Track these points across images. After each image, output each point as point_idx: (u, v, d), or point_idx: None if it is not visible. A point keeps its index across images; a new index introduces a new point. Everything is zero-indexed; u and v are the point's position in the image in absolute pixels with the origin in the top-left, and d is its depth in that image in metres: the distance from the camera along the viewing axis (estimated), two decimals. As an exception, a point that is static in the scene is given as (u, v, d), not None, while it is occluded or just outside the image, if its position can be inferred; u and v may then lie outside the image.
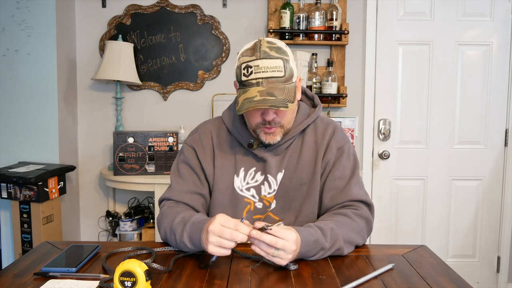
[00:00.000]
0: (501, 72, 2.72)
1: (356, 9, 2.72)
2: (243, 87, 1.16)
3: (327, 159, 1.25)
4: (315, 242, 1.06)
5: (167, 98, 2.78)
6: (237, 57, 1.20)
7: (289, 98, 1.12)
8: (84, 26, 2.73)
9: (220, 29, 2.74)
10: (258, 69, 1.12)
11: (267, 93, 1.11)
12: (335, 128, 1.29)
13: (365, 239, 1.21)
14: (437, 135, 2.76)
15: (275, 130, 1.20)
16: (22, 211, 2.28)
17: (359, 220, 1.17)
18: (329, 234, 1.09)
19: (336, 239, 1.10)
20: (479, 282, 2.83)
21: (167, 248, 1.17)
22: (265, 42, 1.15)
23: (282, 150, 1.26)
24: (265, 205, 1.26)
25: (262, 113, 1.18)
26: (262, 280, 0.98)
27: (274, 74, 1.12)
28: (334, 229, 1.11)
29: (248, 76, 1.14)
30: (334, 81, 2.63)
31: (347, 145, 1.28)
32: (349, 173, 1.25)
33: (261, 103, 1.10)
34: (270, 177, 1.25)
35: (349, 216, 1.17)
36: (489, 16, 2.69)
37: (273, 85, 1.13)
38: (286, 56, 1.16)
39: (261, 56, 1.13)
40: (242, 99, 1.14)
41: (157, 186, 2.41)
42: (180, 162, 1.31)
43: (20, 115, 2.46)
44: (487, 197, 2.79)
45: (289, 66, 1.15)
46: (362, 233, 1.18)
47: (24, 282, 0.98)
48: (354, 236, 1.15)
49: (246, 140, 1.27)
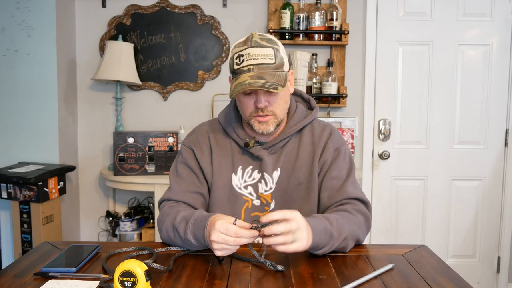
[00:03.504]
0: (501, 72, 2.72)
1: (356, 9, 2.72)
2: (235, 75, 1.21)
3: (324, 159, 1.28)
4: (325, 230, 1.07)
5: (167, 98, 2.78)
6: (231, 50, 1.24)
7: (279, 82, 1.16)
8: (84, 26, 2.73)
9: (220, 29, 2.74)
10: (249, 57, 1.17)
11: (258, 77, 1.15)
12: (332, 130, 1.32)
13: (365, 234, 1.22)
14: (437, 135, 2.76)
15: (268, 119, 1.22)
16: (22, 211, 2.28)
17: (359, 215, 1.19)
18: (335, 224, 1.10)
19: (342, 229, 1.11)
20: (479, 282, 2.83)
21: (168, 248, 1.17)
22: (257, 34, 1.20)
23: (277, 148, 1.29)
24: (262, 202, 1.28)
25: (254, 101, 1.21)
26: (262, 280, 0.98)
27: (265, 61, 1.17)
28: (339, 220, 1.12)
29: (240, 64, 1.18)
30: (334, 81, 2.63)
31: (344, 147, 1.31)
32: (345, 174, 1.27)
33: (252, 85, 1.14)
34: (266, 175, 1.27)
35: (349, 211, 1.18)
36: (489, 16, 2.69)
37: (264, 70, 1.17)
38: (277, 46, 1.20)
39: (252, 45, 1.18)
40: (234, 85, 1.18)
41: (157, 186, 2.41)
42: (178, 163, 1.33)
43: (20, 115, 2.46)
44: (487, 197, 2.79)
45: (279, 55, 1.19)
46: (362, 228, 1.20)
47: (24, 282, 0.98)
48: (356, 229, 1.16)
49: (242, 139, 1.29)
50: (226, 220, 1.01)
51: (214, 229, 1.00)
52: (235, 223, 1.00)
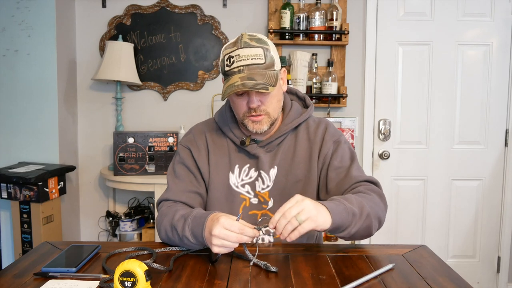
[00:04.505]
0: (501, 72, 2.71)
1: (356, 9, 2.72)
2: (226, 77, 1.21)
3: (324, 153, 1.28)
4: (345, 209, 1.04)
5: (167, 98, 2.78)
6: (221, 52, 1.24)
7: (270, 82, 1.16)
8: (84, 26, 2.73)
9: (220, 29, 2.74)
10: (239, 58, 1.17)
11: (248, 78, 1.15)
12: (327, 124, 1.33)
13: (385, 213, 1.19)
14: (437, 135, 2.76)
15: (261, 119, 1.22)
16: (22, 211, 2.28)
17: (373, 194, 1.17)
18: (355, 202, 1.08)
19: (363, 207, 1.09)
20: (479, 282, 2.83)
21: (168, 249, 1.17)
22: (246, 35, 1.20)
23: (273, 146, 1.29)
24: (260, 201, 1.28)
25: (247, 102, 1.21)
26: (262, 280, 0.98)
27: (255, 61, 1.17)
28: (358, 198, 1.11)
29: (230, 66, 1.19)
30: (334, 81, 2.63)
31: (342, 137, 1.32)
32: (348, 161, 1.28)
33: (242, 86, 1.14)
34: (263, 173, 1.28)
35: (363, 191, 1.17)
36: (489, 16, 2.68)
37: (254, 71, 1.17)
38: (267, 46, 1.20)
39: (242, 46, 1.18)
40: (225, 87, 1.18)
41: (157, 186, 2.41)
42: (176, 163, 1.33)
43: (20, 115, 2.46)
44: (487, 197, 2.79)
45: (269, 54, 1.20)
46: (381, 205, 1.17)
47: (24, 282, 0.98)
48: (375, 207, 1.14)
49: (238, 138, 1.30)
50: (230, 217, 1.02)
51: (217, 223, 1.00)
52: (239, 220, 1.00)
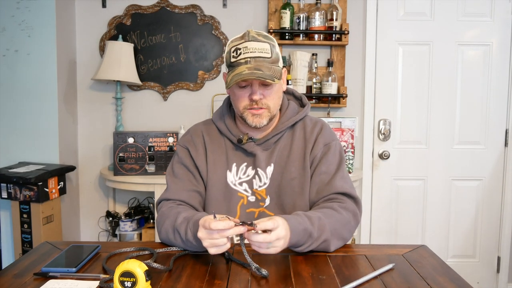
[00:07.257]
0: (501, 72, 2.72)
1: (356, 9, 2.72)
2: (232, 68, 1.22)
3: (314, 154, 1.29)
4: (305, 230, 1.08)
5: (167, 98, 2.78)
6: (227, 45, 1.26)
7: (276, 75, 1.18)
8: (84, 26, 2.73)
9: (220, 29, 2.74)
10: (247, 50, 1.20)
11: (255, 68, 1.18)
12: (323, 126, 1.34)
13: (352, 232, 1.21)
14: (437, 135, 2.76)
15: (262, 112, 1.24)
16: (22, 211, 2.28)
17: (345, 212, 1.19)
18: (316, 223, 1.10)
19: (323, 229, 1.11)
20: (479, 282, 2.83)
21: (168, 249, 1.17)
22: (253, 31, 1.23)
23: (270, 144, 1.30)
24: (257, 198, 1.29)
25: (249, 94, 1.23)
26: (262, 280, 0.98)
27: (262, 54, 1.20)
28: (322, 219, 1.12)
29: (237, 57, 1.21)
30: (334, 81, 2.63)
31: (334, 142, 1.32)
32: (334, 168, 1.28)
33: (249, 75, 1.16)
34: (260, 170, 1.29)
35: (334, 209, 1.18)
36: (489, 16, 2.69)
37: (261, 63, 1.20)
38: (273, 42, 1.24)
39: (250, 39, 1.21)
40: (231, 76, 1.20)
41: (157, 186, 2.41)
42: (174, 163, 1.34)
43: (20, 115, 2.46)
44: (487, 197, 2.79)
45: (275, 50, 1.23)
46: (349, 226, 1.19)
47: (24, 282, 0.98)
48: (340, 228, 1.16)
49: (235, 136, 1.31)
50: (210, 217, 1.01)
51: (199, 227, 1.02)
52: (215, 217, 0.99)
